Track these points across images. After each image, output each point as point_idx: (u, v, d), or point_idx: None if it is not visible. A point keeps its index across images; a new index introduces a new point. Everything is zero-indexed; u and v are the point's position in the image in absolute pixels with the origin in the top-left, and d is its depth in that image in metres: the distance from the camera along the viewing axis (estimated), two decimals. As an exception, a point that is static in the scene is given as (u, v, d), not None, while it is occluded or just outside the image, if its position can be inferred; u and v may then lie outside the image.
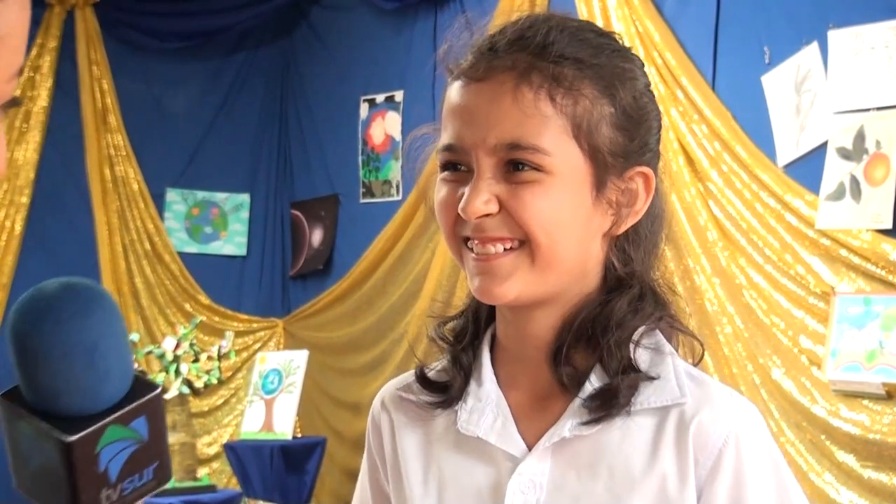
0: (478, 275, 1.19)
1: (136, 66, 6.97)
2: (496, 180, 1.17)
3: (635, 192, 1.22)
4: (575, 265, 1.21)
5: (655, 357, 1.22)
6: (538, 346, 1.24)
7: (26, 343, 0.89)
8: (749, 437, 1.18)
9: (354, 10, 6.83)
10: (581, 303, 1.23)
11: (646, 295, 1.24)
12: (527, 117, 1.16)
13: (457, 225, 1.20)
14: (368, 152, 6.71)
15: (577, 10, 5.06)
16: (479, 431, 1.23)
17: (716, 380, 1.24)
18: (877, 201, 4.02)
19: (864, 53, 4.10)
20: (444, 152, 1.21)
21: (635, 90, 1.22)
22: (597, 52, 1.20)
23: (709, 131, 4.60)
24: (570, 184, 1.18)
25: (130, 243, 6.88)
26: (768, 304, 4.34)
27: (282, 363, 5.90)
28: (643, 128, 1.23)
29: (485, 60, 1.20)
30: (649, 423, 1.19)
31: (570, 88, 1.17)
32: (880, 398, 3.95)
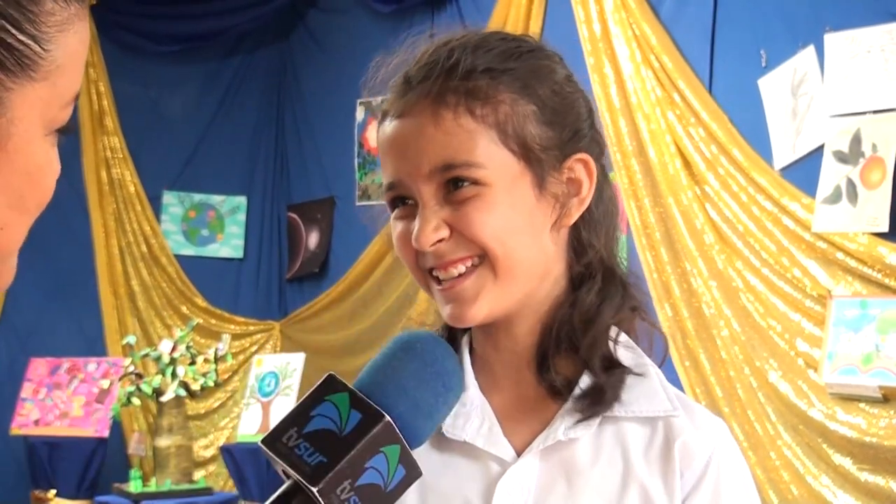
0: (447, 303, 1.22)
1: (133, 69, 6.97)
2: (440, 205, 1.20)
3: (578, 180, 1.24)
4: (535, 266, 1.22)
5: (636, 358, 1.25)
6: (518, 352, 1.26)
7: (418, 347, 1.09)
8: (727, 457, 1.22)
9: (351, 12, 6.84)
10: (553, 305, 1.25)
11: (611, 282, 1.26)
12: (452, 137, 1.19)
13: (418, 258, 1.23)
14: (364, 155, 6.71)
15: (574, 15, 5.06)
16: (466, 435, 1.24)
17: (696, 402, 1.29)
18: (873, 204, 4.03)
19: (861, 57, 4.11)
20: (387, 192, 1.25)
21: (554, 83, 1.24)
22: (506, 58, 1.22)
23: (705, 134, 4.60)
24: (511, 189, 1.20)
25: (127, 246, 6.88)
26: (765, 308, 4.34)
27: (278, 366, 5.90)
28: (570, 117, 1.24)
29: (402, 96, 1.23)
30: (639, 432, 1.21)
31: (486, 98, 1.20)
32: (877, 401, 3.95)
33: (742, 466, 1.24)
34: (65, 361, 6.25)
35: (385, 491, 1.03)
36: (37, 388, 6.20)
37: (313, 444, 1.02)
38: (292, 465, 1.02)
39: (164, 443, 5.52)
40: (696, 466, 1.20)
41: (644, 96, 4.75)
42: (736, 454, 1.24)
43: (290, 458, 1.02)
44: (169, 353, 5.61)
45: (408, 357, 1.09)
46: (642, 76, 4.80)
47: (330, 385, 1.06)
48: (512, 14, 5.47)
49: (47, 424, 6.08)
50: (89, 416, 6.04)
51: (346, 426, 1.03)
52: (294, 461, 1.02)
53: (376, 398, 1.04)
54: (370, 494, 1.03)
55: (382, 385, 1.06)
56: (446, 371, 1.10)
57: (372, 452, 1.02)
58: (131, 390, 5.55)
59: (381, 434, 1.02)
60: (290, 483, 1.04)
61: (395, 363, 1.09)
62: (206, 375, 5.63)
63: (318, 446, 1.02)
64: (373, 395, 1.05)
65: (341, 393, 1.05)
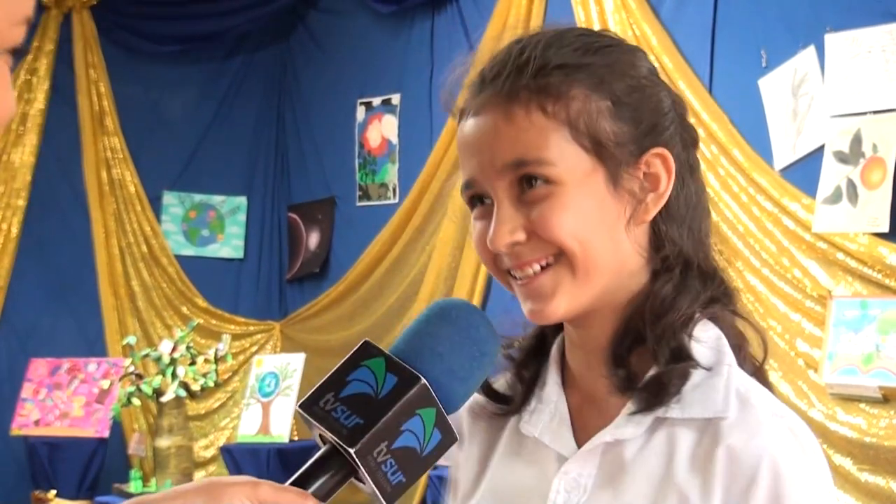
0: (526, 300, 1.22)
1: (133, 70, 6.97)
2: (515, 206, 1.19)
3: (655, 174, 1.22)
4: (613, 263, 1.21)
5: (713, 353, 1.20)
6: (597, 350, 1.24)
7: (454, 313, 1.11)
8: (790, 460, 1.15)
9: (351, 13, 6.83)
10: (633, 299, 1.23)
11: (690, 274, 1.23)
12: (523, 133, 1.18)
13: (497, 260, 1.23)
14: (365, 155, 6.71)
15: (574, 15, 5.06)
16: (536, 431, 1.26)
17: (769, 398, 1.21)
18: (873, 205, 4.03)
19: (861, 57, 4.11)
20: (465, 191, 1.24)
21: (631, 77, 1.22)
22: (582, 53, 1.21)
23: (706, 135, 4.60)
24: (583, 186, 1.19)
25: (127, 246, 6.88)
26: (765, 308, 4.35)
27: (278, 366, 5.90)
28: (647, 111, 1.22)
29: (476, 95, 1.23)
30: (690, 436, 1.18)
31: (559, 95, 1.19)
32: (877, 402, 3.96)
33: (812, 474, 1.16)
34: (65, 362, 6.25)
35: (421, 455, 1.05)
36: (37, 388, 6.20)
37: (350, 408, 1.04)
38: (329, 427, 1.04)
39: (165, 443, 5.52)
40: (742, 472, 1.14)
41: (644, 97, 4.75)
42: (802, 459, 1.15)
43: (327, 421, 1.04)
44: (169, 354, 5.60)
45: (443, 323, 1.10)
46: (642, 76, 4.80)
47: (366, 351, 1.08)
48: (512, 15, 5.47)
49: (47, 425, 6.08)
50: (89, 417, 6.04)
51: (382, 389, 1.04)
52: (331, 424, 1.04)
53: (412, 363, 1.06)
54: (407, 457, 1.04)
55: (418, 350, 1.08)
56: (482, 337, 1.11)
57: (408, 415, 1.03)
58: (131, 391, 5.55)
59: (417, 396, 1.04)
60: (328, 447, 1.05)
61: (430, 329, 1.10)
62: (206, 376, 5.63)
63: (355, 409, 1.03)
64: (408, 360, 1.06)
65: (377, 358, 1.07)
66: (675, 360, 1.19)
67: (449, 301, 1.14)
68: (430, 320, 1.11)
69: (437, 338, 1.09)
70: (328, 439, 1.05)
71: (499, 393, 1.31)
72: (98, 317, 6.75)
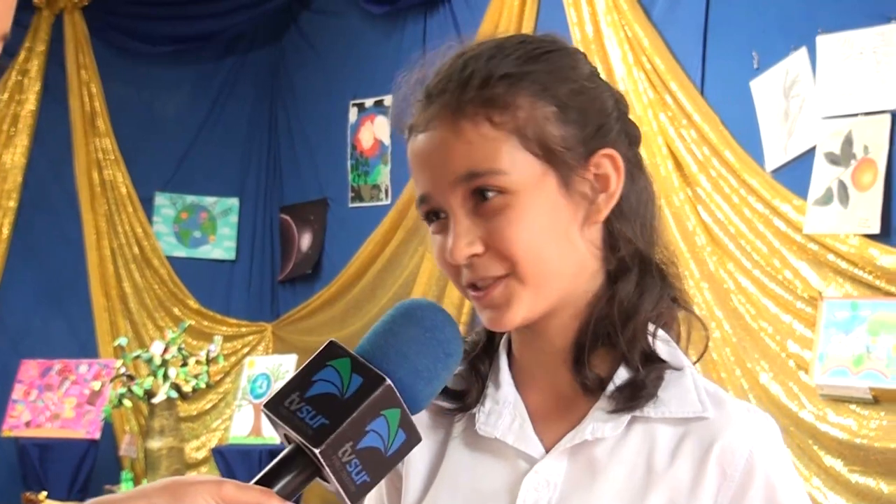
0: (483, 309, 1.24)
1: (125, 70, 6.96)
2: (472, 221, 1.20)
3: (605, 175, 1.23)
4: (569, 268, 1.22)
5: (673, 353, 1.25)
6: (554, 350, 1.26)
7: (419, 314, 1.11)
8: (769, 447, 1.21)
9: (344, 14, 6.83)
10: (590, 301, 1.25)
11: (648, 273, 1.25)
12: (472, 146, 1.19)
13: (458, 274, 1.24)
14: (357, 156, 6.70)
15: (566, 17, 5.06)
16: (497, 433, 1.26)
17: (731, 396, 1.26)
18: (864, 206, 4.03)
19: (853, 59, 4.11)
20: (420, 206, 1.26)
21: (574, 82, 1.24)
22: (524, 62, 1.22)
23: (697, 136, 4.61)
24: (537, 193, 1.20)
25: (119, 247, 6.86)
26: (756, 309, 4.35)
27: (270, 367, 5.89)
28: (594, 112, 1.24)
29: (423, 110, 1.24)
30: (669, 433, 1.21)
31: (505, 105, 1.20)
32: (867, 403, 3.96)
33: (785, 456, 1.23)
34: (56, 363, 6.24)
35: (386, 455, 1.05)
36: (28, 389, 6.18)
37: (315, 408, 1.04)
38: (294, 427, 1.04)
39: (156, 444, 5.51)
40: (736, 467, 1.19)
41: (636, 98, 4.75)
42: (778, 444, 1.23)
43: (292, 421, 1.04)
44: (161, 355, 5.59)
45: (408, 323, 1.11)
46: (634, 78, 4.80)
47: (331, 351, 1.08)
48: (504, 16, 5.47)
49: (38, 426, 6.07)
50: (80, 418, 6.02)
51: (347, 390, 1.05)
52: (296, 424, 1.04)
53: (377, 363, 1.07)
54: (371, 457, 1.04)
55: (383, 350, 1.09)
56: (447, 338, 1.12)
57: (373, 416, 1.04)
58: (123, 392, 5.54)
59: (382, 397, 1.04)
60: (292, 447, 1.06)
61: (395, 329, 1.10)
62: (197, 377, 5.62)
63: (320, 409, 1.04)
64: (374, 360, 1.07)
65: (343, 358, 1.07)
66: (646, 362, 1.22)
67: (414, 301, 1.15)
68: (396, 321, 1.12)
69: (403, 338, 1.10)
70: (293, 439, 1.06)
71: (449, 388, 1.30)
72: (89, 318, 6.73)
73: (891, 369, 3.86)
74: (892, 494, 3.82)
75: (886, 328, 3.90)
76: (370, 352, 1.09)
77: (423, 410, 1.29)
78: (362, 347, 1.10)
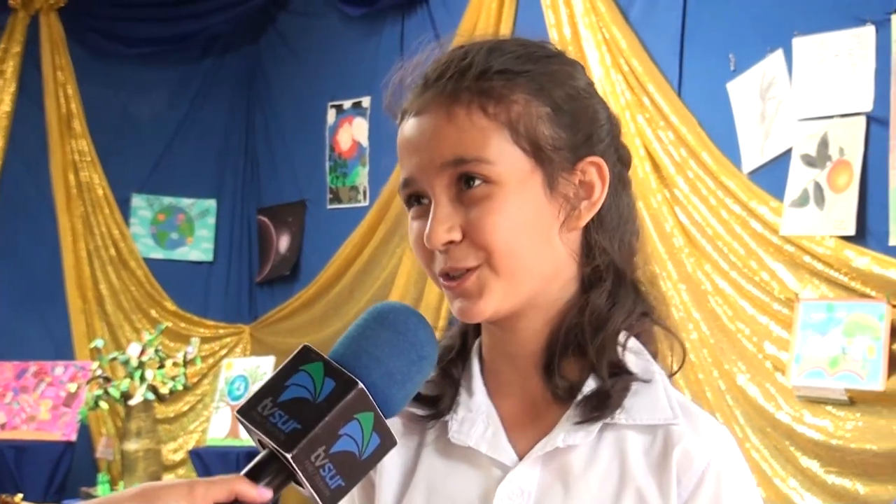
0: (454, 299, 1.23)
1: (101, 72, 6.93)
2: (454, 208, 1.21)
3: (590, 183, 1.24)
4: (544, 268, 1.23)
5: (644, 364, 1.25)
6: (526, 355, 1.26)
7: (391, 317, 1.11)
8: (728, 465, 1.22)
9: (322, 16, 6.82)
10: (563, 308, 1.25)
11: (622, 286, 1.26)
12: (464, 132, 1.20)
13: (433, 260, 1.24)
14: (336, 158, 6.70)
15: (544, 19, 5.07)
16: (471, 441, 1.25)
17: (700, 408, 1.28)
18: (840, 208, 4.05)
19: (829, 61, 4.13)
20: (403, 189, 1.26)
21: (571, 88, 1.25)
22: (524, 61, 1.24)
23: (675, 138, 4.62)
24: (521, 188, 1.21)
25: (95, 249, 6.83)
26: (733, 311, 4.36)
27: (248, 369, 5.88)
28: (586, 120, 1.25)
29: (419, 95, 1.25)
30: (639, 440, 1.22)
31: (500, 98, 1.21)
32: (843, 404, 3.98)
33: (744, 475, 1.24)
34: (32, 365, 6.20)
35: (360, 459, 1.05)
36: (3, 391, 6.15)
37: (288, 412, 1.04)
38: (267, 432, 1.04)
39: (133, 446, 5.49)
40: (693, 472, 1.19)
41: (614, 100, 4.77)
42: (737, 462, 1.23)
43: (264, 427, 1.04)
44: (137, 357, 5.57)
45: (381, 327, 1.11)
46: (612, 80, 4.82)
47: (304, 355, 1.08)
48: (482, 18, 5.48)
49: (14, 428, 6.03)
50: (57, 420, 6.00)
51: (320, 394, 1.04)
52: (268, 429, 1.04)
53: (350, 367, 1.06)
54: (345, 462, 1.04)
55: (356, 354, 1.08)
56: (420, 341, 1.12)
57: (346, 419, 1.04)
58: (99, 394, 5.51)
59: (354, 401, 1.04)
60: (266, 452, 1.06)
61: (368, 333, 1.10)
62: (175, 379, 5.60)
63: (293, 414, 1.04)
64: (346, 364, 1.06)
65: (315, 362, 1.07)
66: (615, 373, 1.23)
67: (387, 304, 1.15)
68: (368, 324, 1.11)
69: (376, 342, 1.09)
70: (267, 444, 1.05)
71: (422, 394, 1.29)
72: (65, 320, 6.70)
73: (866, 370, 3.88)
74: (869, 495, 3.83)
75: (862, 330, 3.92)
76: (343, 355, 1.08)
77: (396, 417, 1.28)
78: (336, 351, 1.10)
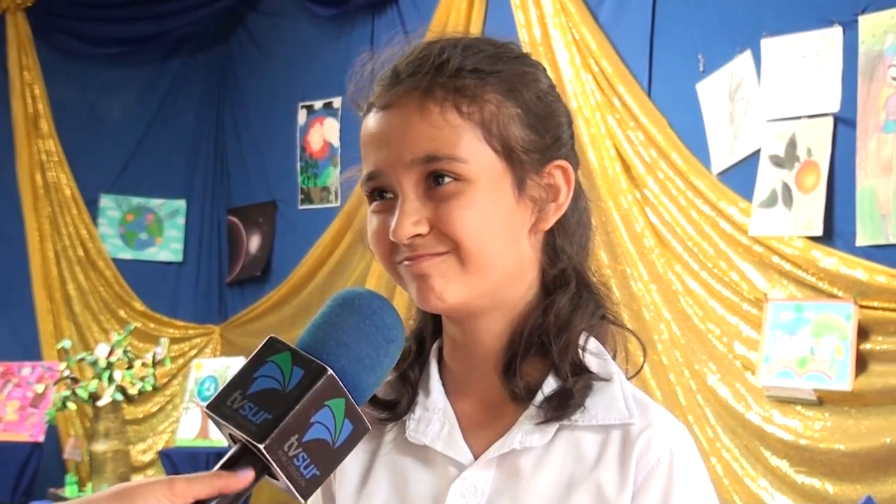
0: (413, 280, 1.22)
1: (69, 72, 6.89)
2: (422, 202, 1.20)
3: (556, 186, 1.25)
4: (508, 266, 1.23)
5: (603, 364, 1.26)
6: (486, 356, 1.26)
7: (356, 302, 1.11)
8: (681, 459, 1.22)
9: (292, 16, 6.80)
10: (525, 310, 1.25)
11: (584, 290, 1.27)
12: (437, 130, 1.20)
13: (392, 253, 1.23)
14: (307, 158, 6.68)
15: (514, 18, 5.08)
16: (426, 439, 1.26)
17: (656, 403, 1.28)
18: (808, 208, 4.07)
19: (797, 62, 4.16)
20: (367, 183, 1.25)
21: (538, 90, 1.26)
22: (495, 61, 1.24)
23: (645, 138, 4.63)
24: (492, 188, 1.21)
25: (63, 249, 6.79)
26: (704, 311, 4.38)
27: (218, 370, 5.86)
28: (552, 123, 1.26)
29: (390, 88, 1.24)
30: (594, 439, 1.22)
31: (473, 97, 1.21)
32: (812, 404, 4.00)
33: (698, 470, 1.24)
34: (-2, 366, 6.16)
35: (333, 446, 1.04)
36: (-30, 393, 6.10)
37: (258, 404, 1.03)
38: (237, 425, 1.03)
39: (101, 447, 5.46)
40: (646, 463, 1.20)
41: (584, 100, 4.78)
42: (691, 457, 1.23)
43: (234, 419, 1.03)
44: (106, 358, 5.54)
45: (347, 313, 1.10)
46: (582, 80, 4.83)
47: (271, 346, 1.07)
48: (452, 18, 5.48)
49: (-19, 430, 5.99)
50: (24, 421, 5.95)
51: (289, 383, 1.03)
52: (239, 421, 1.03)
53: (318, 354, 1.06)
54: (319, 450, 1.03)
55: (324, 341, 1.08)
56: (386, 324, 1.11)
57: (317, 407, 1.03)
58: (67, 395, 5.48)
59: (324, 387, 1.03)
60: (239, 446, 1.05)
61: (334, 319, 1.10)
62: (143, 379, 5.57)
63: (263, 405, 1.02)
64: (314, 352, 1.06)
65: (283, 352, 1.06)
66: (575, 373, 1.23)
67: (352, 290, 1.14)
68: (334, 311, 1.11)
69: (342, 328, 1.09)
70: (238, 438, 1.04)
71: (379, 398, 1.30)
72: (33, 320, 6.65)
73: (834, 371, 3.90)
74: (837, 495, 3.86)
75: (829, 330, 3.94)
76: (310, 344, 1.08)
77: None
78: (303, 340, 1.09)
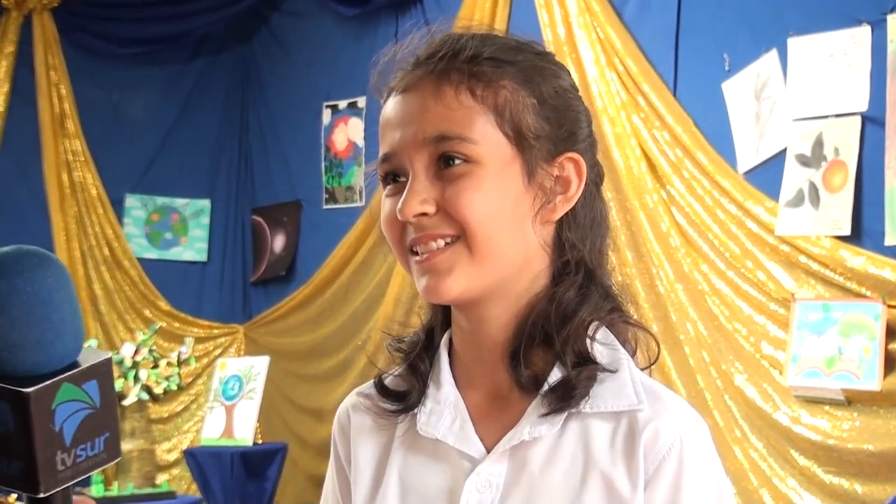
0: (422, 275, 1.23)
1: (94, 72, 6.92)
2: (431, 183, 1.21)
3: (567, 178, 1.25)
4: (515, 254, 1.23)
5: (612, 354, 1.25)
6: (493, 346, 1.26)
7: None
8: (693, 447, 1.21)
9: (315, 15, 6.81)
10: (532, 299, 1.25)
11: (592, 283, 1.27)
12: (450, 111, 1.21)
13: (403, 236, 1.24)
14: (331, 158, 6.69)
15: (538, 18, 5.07)
16: (438, 433, 1.25)
17: (670, 390, 1.27)
18: (835, 208, 4.05)
19: (823, 61, 4.14)
20: (381, 165, 1.26)
21: (557, 85, 1.27)
22: (514, 52, 1.26)
23: (670, 138, 4.62)
24: (501, 171, 1.21)
25: (89, 249, 6.82)
26: (730, 311, 4.36)
27: (242, 369, 5.87)
28: (568, 118, 1.27)
29: (408, 73, 1.26)
30: (604, 427, 1.21)
31: (489, 82, 1.23)
32: (840, 404, 3.98)
33: (709, 460, 1.22)
34: (26, 366, 6.19)
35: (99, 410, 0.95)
36: (-3, 393, 6.13)
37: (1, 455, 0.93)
38: (4, 484, 0.94)
39: (127, 447, 5.48)
40: (657, 452, 1.19)
41: (609, 100, 4.77)
42: (704, 447, 1.22)
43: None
44: (131, 357, 5.56)
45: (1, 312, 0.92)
46: (607, 79, 4.81)
47: None
48: (476, 16, 5.46)
49: (8, 430, 6.01)
50: (51, 422, 5.98)
51: (9, 423, 0.91)
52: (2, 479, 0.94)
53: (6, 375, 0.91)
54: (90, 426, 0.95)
55: None
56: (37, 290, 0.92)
57: (49, 419, 0.92)
58: (93, 395, 5.49)
59: (37, 405, 0.91)
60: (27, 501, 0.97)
61: None
62: (168, 379, 5.60)
63: (5, 454, 0.93)
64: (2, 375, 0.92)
65: None
66: (580, 363, 1.23)
67: None
68: None
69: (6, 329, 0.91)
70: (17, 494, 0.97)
71: (391, 389, 1.30)
72: (59, 320, 6.68)
73: (862, 370, 3.88)
74: (866, 495, 3.84)
75: (857, 329, 3.92)
76: None
77: (366, 413, 1.31)
78: None
